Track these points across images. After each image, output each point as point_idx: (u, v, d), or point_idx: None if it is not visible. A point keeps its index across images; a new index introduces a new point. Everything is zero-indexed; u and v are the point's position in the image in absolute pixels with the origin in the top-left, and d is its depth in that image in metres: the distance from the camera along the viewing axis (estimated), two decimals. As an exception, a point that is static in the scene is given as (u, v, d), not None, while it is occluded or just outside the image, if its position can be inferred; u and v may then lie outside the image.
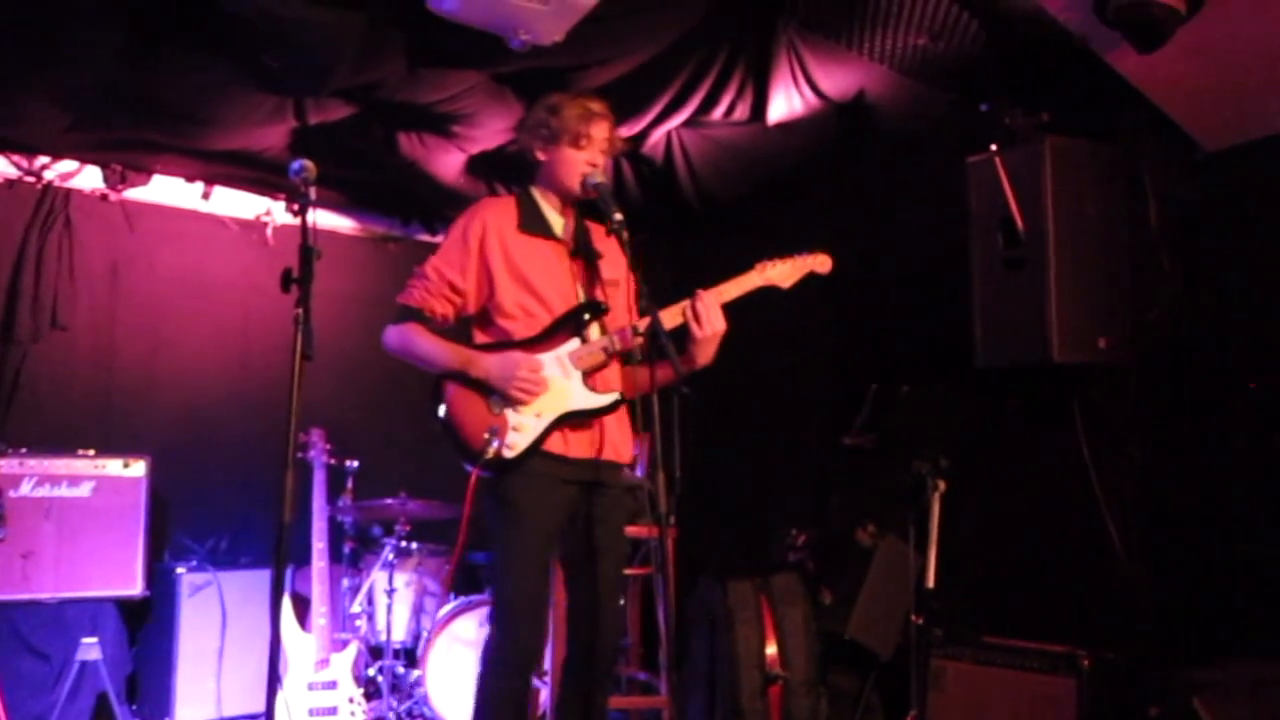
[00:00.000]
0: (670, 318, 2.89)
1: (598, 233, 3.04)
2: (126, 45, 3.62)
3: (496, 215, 3.03)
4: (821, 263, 3.12)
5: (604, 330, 2.97)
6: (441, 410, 2.93)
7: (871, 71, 4.01)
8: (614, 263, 3.03)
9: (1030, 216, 3.72)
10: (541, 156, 3.04)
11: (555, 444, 2.91)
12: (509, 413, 2.87)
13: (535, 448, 2.87)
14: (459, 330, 3.07)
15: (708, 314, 2.89)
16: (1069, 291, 3.67)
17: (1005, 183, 3.76)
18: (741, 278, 3.01)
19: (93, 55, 3.68)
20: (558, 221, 3.07)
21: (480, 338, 3.03)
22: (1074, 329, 3.67)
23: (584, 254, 3.04)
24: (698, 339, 2.90)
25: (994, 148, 3.84)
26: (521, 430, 2.86)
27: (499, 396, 2.88)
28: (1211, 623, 3.68)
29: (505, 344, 2.95)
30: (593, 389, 2.94)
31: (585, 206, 3.08)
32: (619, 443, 3.03)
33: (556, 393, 2.90)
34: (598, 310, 2.97)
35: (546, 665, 3.51)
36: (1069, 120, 3.81)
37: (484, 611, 4.60)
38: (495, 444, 2.82)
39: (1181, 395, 3.90)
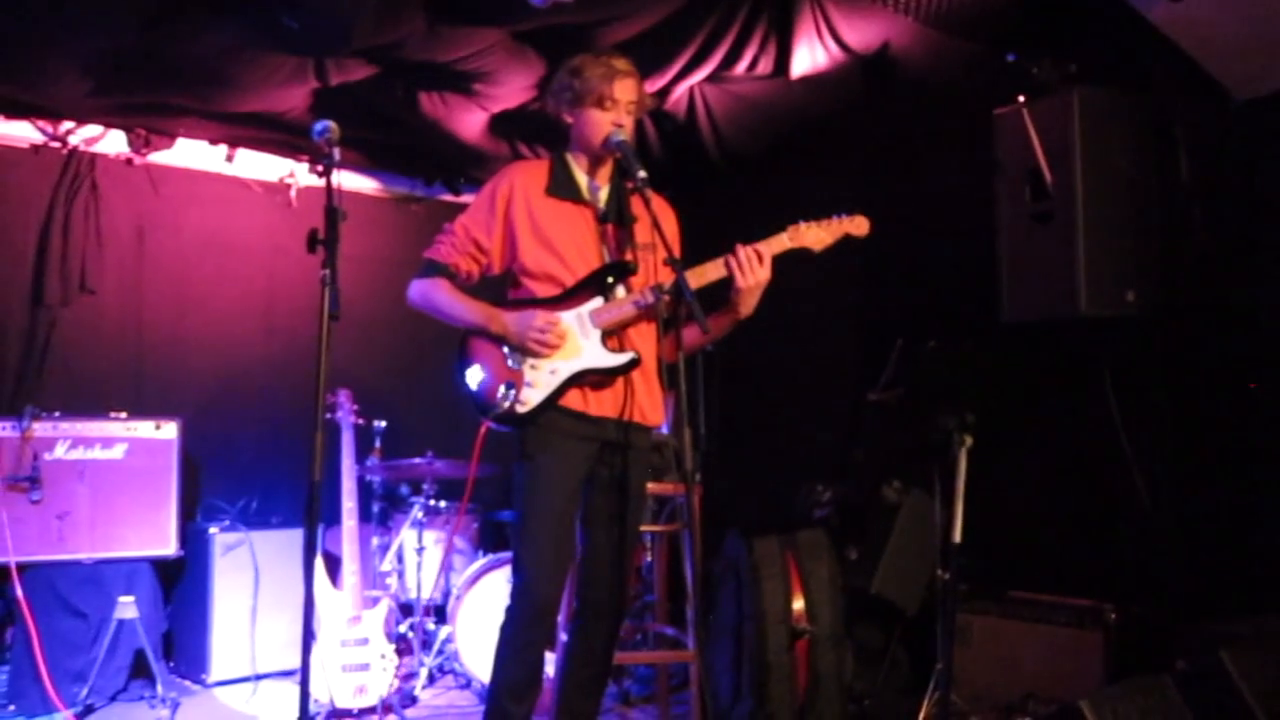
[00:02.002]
0: (714, 269, 2.92)
1: (653, 200, 2.95)
2: (147, 7, 3.62)
3: (525, 178, 3.04)
4: (858, 225, 3.05)
5: (630, 291, 2.97)
6: (463, 364, 2.98)
7: (896, 23, 3.96)
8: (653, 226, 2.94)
9: (1058, 169, 3.67)
10: (568, 119, 3.03)
11: (575, 401, 2.93)
12: (525, 369, 2.91)
13: (549, 403, 2.91)
14: (494, 292, 3.08)
15: (750, 263, 2.88)
16: (1097, 244, 3.62)
17: (1033, 135, 3.71)
18: (771, 239, 2.98)
19: (114, 18, 3.68)
20: (590, 186, 3.06)
21: (510, 297, 3.07)
22: (1102, 282, 3.63)
23: (616, 218, 3.03)
24: (741, 289, 2.89)
25: (1021, 99, 3.78)
26: (535, 385, 2.90)
27: (516, 352, 2.92)
28: (1239, 576, 3.67)
29: (529, 303, 2.98)
30: (610, 348, 2.95)
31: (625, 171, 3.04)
32: (646, 405, 3.03)
33: (573, 350, 2.92)
34: (624, 271, 2.96)
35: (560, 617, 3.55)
36: (1098, 70, 3.74)
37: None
38: (509, 398, 2.87)
39: (1210, 348, 3.86)
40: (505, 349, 2.94)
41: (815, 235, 3.01)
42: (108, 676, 4.38)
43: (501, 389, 2.89)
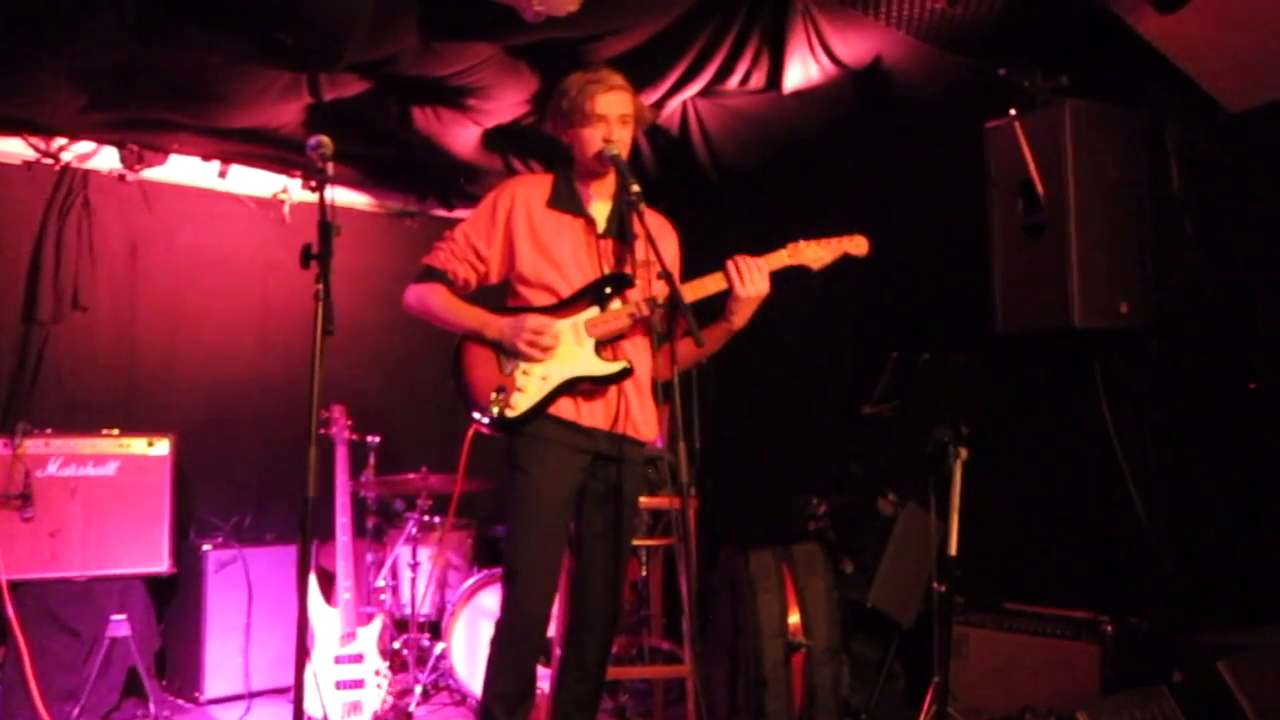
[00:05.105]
0: (713, 282, 2.96)
1: (652, 218, 2.97)
2: (140, 23, 3.62)
3: (527, 190, 3.09)
4: (858, 245, 3.09)
5: (626, 304, 2.98)
6: (458, 368, 2.99)
7: (888, 37, 3.97)
8: (658, 244, 2.91)
9: (1050, 181, 3.69)
10: (566, 139, 3.08)
11: (566, 410, 2.94)
12: (517, 374, 2.93)
13: (539, 410, 2.92)
14: (491, 301, 3.09)
15: (750, 274, 2.93)
16: (1090, 256, 3.64)
17: (1025, 148, 3.73)
18: (771, 255, 3.00)
19: (107, 33, 3.68)
20: (592, 201, 3.08)
21: (507, 305, 3.09)
22: (1095, 294, 3.64)
23: (617, 233, 3.05)
24: (740, 298, 2.94)
25: (1013, 112, 3.80)
26: (525, 391, 2.92)
27: (510, 357, 2.94)
28: (1235, 587, 3.67)
29: (525, 310, 3.00)
30: (603, 357, 2.96)
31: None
32: (640, 419, 3.04)
33: (565, 358, 2.94)
34: (622, 283, 2.98)
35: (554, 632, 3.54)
36: (1089, 83, 3.76)
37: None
38: (499, 402, 2.90)
39: (1203, 359, 3.87)
40: (498, 354, 2.96)
41: (814, 253, 3.05)
42: (100, 695, 4.34)
43: (493, 394, 2.91)
